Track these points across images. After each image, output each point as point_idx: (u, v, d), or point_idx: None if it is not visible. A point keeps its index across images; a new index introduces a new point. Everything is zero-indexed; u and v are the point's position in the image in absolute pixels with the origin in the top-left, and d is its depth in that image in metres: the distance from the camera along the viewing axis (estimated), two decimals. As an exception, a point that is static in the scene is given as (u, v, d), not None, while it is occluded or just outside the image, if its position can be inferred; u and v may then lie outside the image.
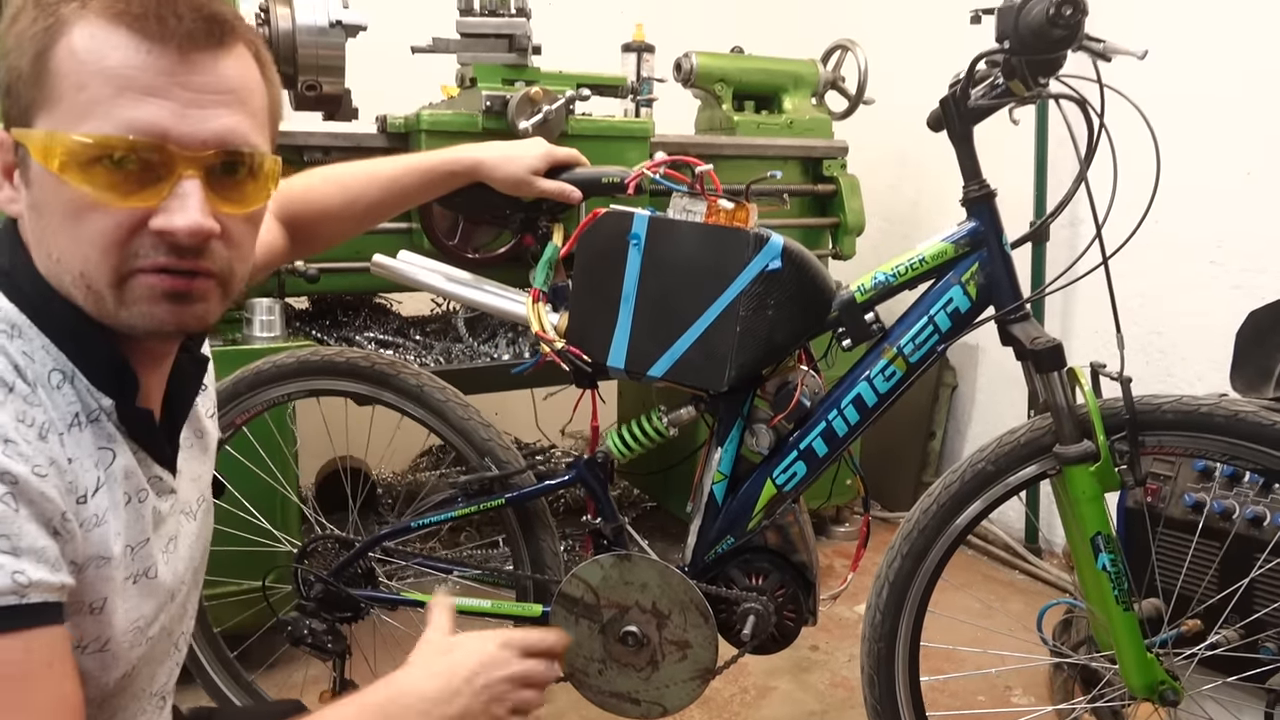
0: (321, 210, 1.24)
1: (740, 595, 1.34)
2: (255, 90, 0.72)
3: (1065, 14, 1.05)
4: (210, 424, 0.90)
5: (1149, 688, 1.21)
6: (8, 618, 0.58)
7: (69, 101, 0.65)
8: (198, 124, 0.67)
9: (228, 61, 0.69)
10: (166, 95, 0.66)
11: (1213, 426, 1.19)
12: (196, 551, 0.88)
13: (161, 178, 0.66)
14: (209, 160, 0.68)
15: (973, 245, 1.26)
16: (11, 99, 0.67)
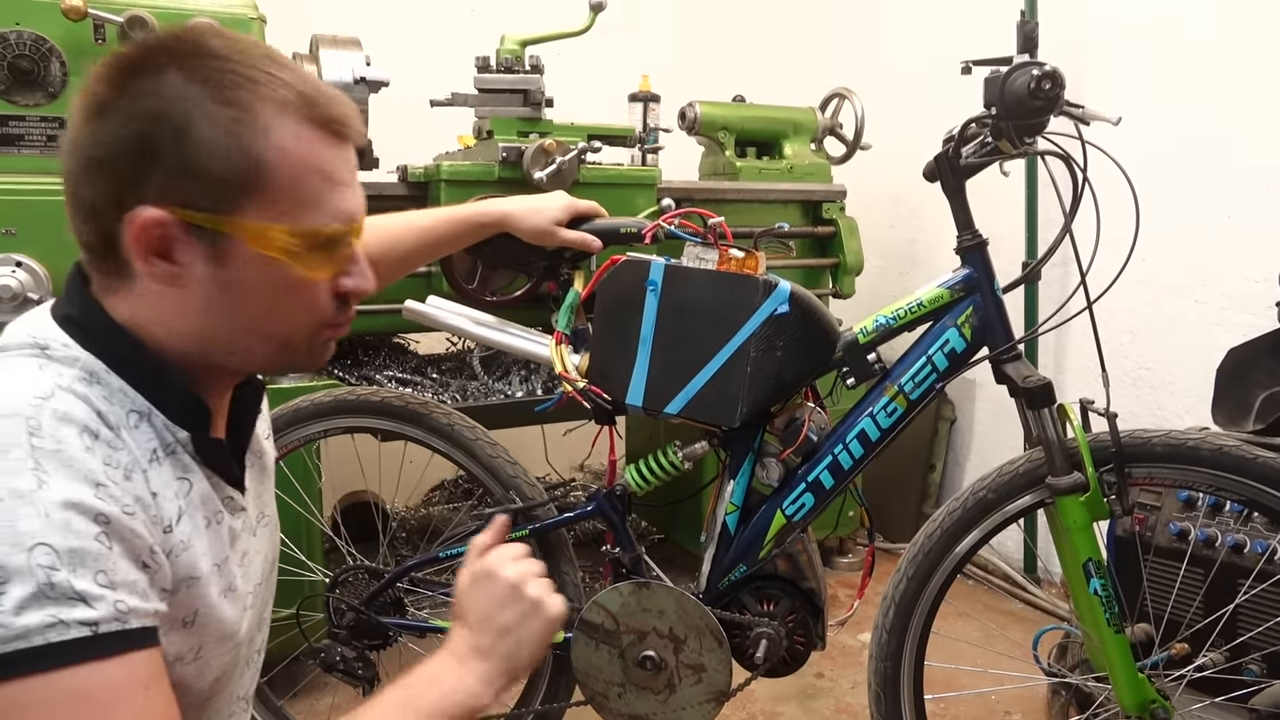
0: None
1: (753, 620, 1.42)
2: None
3: (1045, 88, 1.15)
4: (268, 445, 0.98)
5: (1140, 706, 1.28)
6: (113, 642, 0.64)
7: (287, 195, 0.73)
8: (362, 201, 0.80)
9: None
10: (352, 183, 0.78)
11: (1199, 459, 1.27)
12: (266, 564, 0.94)
13: (347, 249, 0.79)
14: (361, 228, 0.81)
15: (967, 290, 1.36)
16: (191, 185, 0.70)
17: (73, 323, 0.75)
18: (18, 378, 0.69)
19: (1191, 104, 2.17)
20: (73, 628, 0.61)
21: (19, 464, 0.64)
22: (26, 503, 0.62)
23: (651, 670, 1.41)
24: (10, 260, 1.50)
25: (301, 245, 0.74)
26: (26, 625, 0.60)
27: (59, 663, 0.61)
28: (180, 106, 0.69)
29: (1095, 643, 1.32)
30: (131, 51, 0.73)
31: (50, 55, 1.55)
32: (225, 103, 0.70)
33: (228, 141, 0.70)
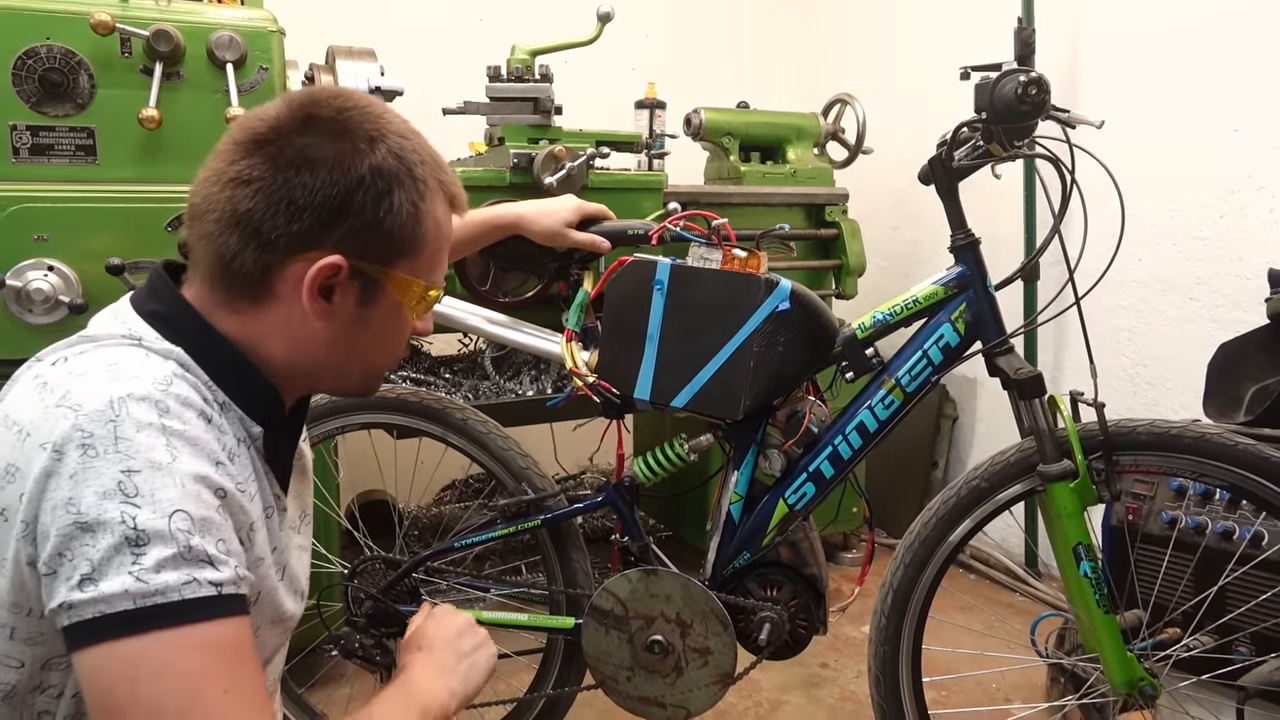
0: None
1: (757, 605, 1.47)
2: None
3: (1031, 93, 1.21)
4: (306, 448, 1.04)
5: (1129, 684, 1.33)
6: (233, 602, 0.72)
7: (425, 257, 0.87)
8: None
9: None
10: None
11: (1182, 447, 1.32)
12: (305, 558, 1.01)
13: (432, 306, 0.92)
14: None
15: (960, 287, 1.41)
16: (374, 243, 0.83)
17: (161, 319, 0.82)
18: (137, 364, 0.76)
19: (1185, 107, 2.23)
20: (204, 586, 0.69)
21: (154, 439, 0.71)
22: (164, 474, 0.70)
23: (659, 654, 1.46)
24: (43, 265, 1.57)
25: (425, 298, 0.89)
26: (165, 582, 0.68)
27: (193, 617, 0.69)
28: (385, 178, 0.82)
29: (1086, 624, 1.37)
30: (337, 117, 0.82)
31: (79, 68, 1.61)
32: (415, 179, 0.84)
33: (411, 211, 0.84)
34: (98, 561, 0.67)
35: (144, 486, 0.69)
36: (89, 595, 0.66)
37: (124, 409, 0.71)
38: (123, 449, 0.69)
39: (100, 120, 1.63)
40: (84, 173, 1.63)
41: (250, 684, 0.72)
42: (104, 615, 0.67)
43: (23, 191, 1.57)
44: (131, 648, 0.67)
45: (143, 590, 0.67)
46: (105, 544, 0.67)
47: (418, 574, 1.62)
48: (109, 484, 0.68)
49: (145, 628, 0.67)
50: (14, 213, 1.56)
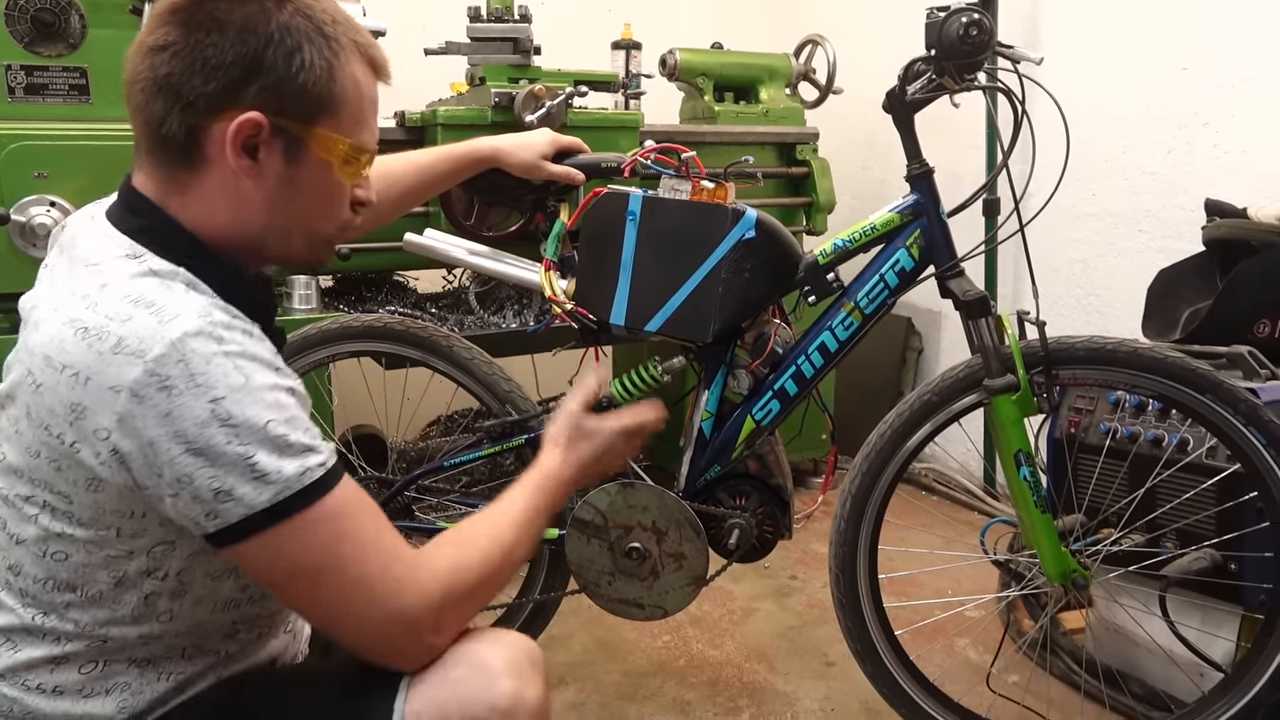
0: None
1: (726, 513, 1.59)
2: None
3: (973, 33, 1.30)
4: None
5: (1063, 576, 1.47)
6: (337, 472, 0.84)
7: (348, 115, 0.90)
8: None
9: None
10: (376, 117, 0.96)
11: (1116, 360, 1.44)
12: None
13: (368, 167, 0.96)
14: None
15: (915, 214, 1.50)
16: (292, 98, 0.86)
17: (149, 234, 0.87)
18: (171, 301, 0.81)
19: (1138, 46, 2.32)
20: (314, 470, 0.82)
21: (224, 365, 0.79)
22: (245, 392, 0.79)
23: (637, 560, 1.58)
24: (45, 200, 1.63)
25: (351, 157, 0.92)
26: (285, 477, 0.80)
27: (315, 496, 0.81)
28: (294, 35, 0.86)
29: (1026, 524, 1.50)
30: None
31: (70, 8, 1.66)
32: (325, 37, 0.88)
33: (325, 67, 0.88)
34: (223, 477, 0.78)
35: (233, 409, 0.78)
36: (228, 504, 0.78)
37: (186, 346, 0.78)
38: (201, 382, 0.78)
39: (92, 60, 1.69)
40: (78, 111, 1.69)
41: (373, 525, 0.86)
42: (245, 517, 0.79)
43: (21, 130, 1.64)
44: (275, 536, 0.80)
45: (273, 490, 0.79)
46: (223, 463, 0.78)
47: (409, 492, 1.73)
48: (203, 413, 0.77)
49: (281, 518, 0.80)
50: (14, 150, 1.62)
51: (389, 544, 0.87)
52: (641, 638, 2.06)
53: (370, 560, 0.84)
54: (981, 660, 1.92)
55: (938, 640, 1.94)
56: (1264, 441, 1.37)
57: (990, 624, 2.02)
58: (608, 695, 1.87)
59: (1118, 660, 1.78)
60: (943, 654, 1.92)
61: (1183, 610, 1.61)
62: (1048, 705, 1.68)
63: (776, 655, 2.00)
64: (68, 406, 0.79)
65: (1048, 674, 1.87)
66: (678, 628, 2.09)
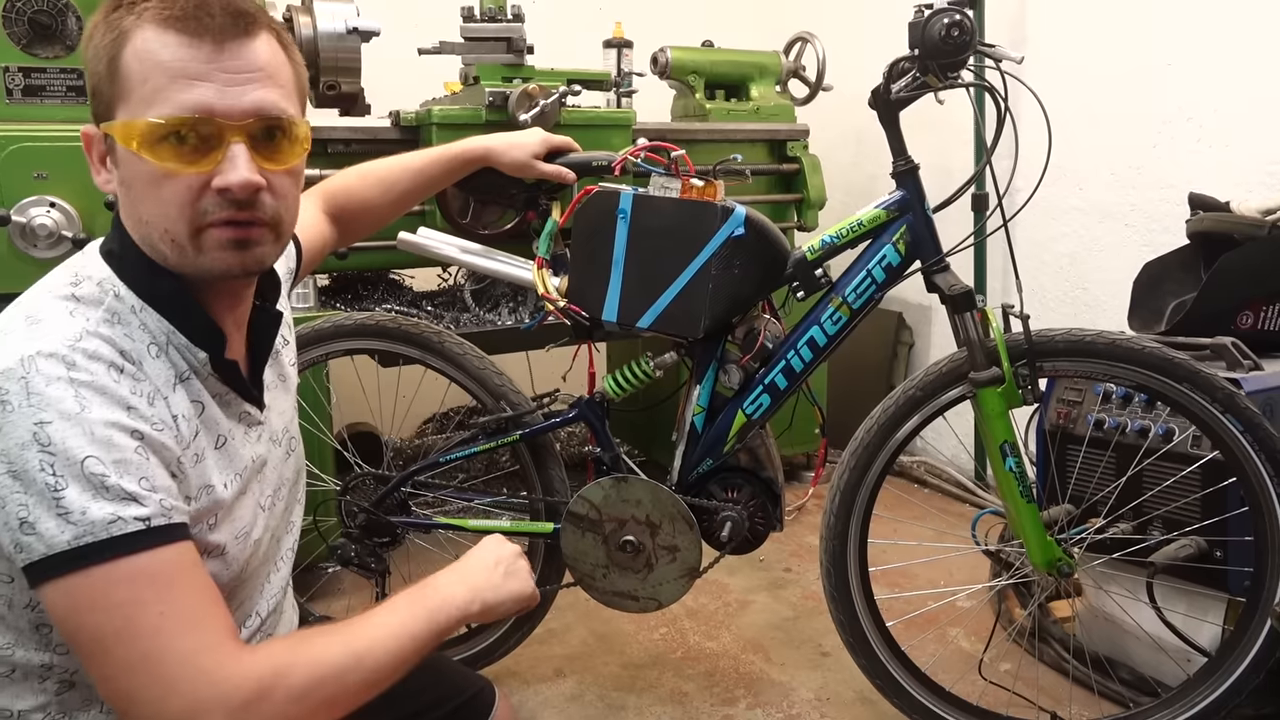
0: (362, 202, 1.45)
1: (719, 506, 1.61)
2: (281, 67, 0.87)
3: (954, 34, 1.32)
4: (291, 371, 1.11)
5: (1049, 564, 1.49)
6: (164, 533, 0.77)
7: (137, 94, 0.81)
8: (237, 99, 0.82)
9: (255, 46, 0.84)
10: (209, 79, 0.81)
11: (1096, 352, 1.47)
12: (287, 473, 1.05)
13: (215, 146, 0.82)
14: (250, 128, 0.83)
15: (901, 211, 1.53)
16: (96, 99, 0.84)
17: (113, 256, 0.87)
18: (52, 323, 0.79)
19: (1124, 43, 2.34)
20: (130, 522, 0.74)
21: (62, 392, 0.75)
22: (74, 423, 0.74)
23: (631, 553, 1.60)
24: (44, 201, 1.65)
25: (151, 138, 0.80)
26: (92, 521, 0.73)
27: (125, 550, 0.74)
28: (89, 38, 0.84)
29: (1013, 514, 1.53)
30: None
31: (67, 10, 1.68)
32: (106, 25, 0.83)
33: (104, 56, 0.82)
34: (30, 507, 0.73)
35: (56, 436, 0.73)
36: (31, 538, 0.73)
37: (33, 365, 0.75)
38: (34, 402, 0.74)
39: (89, 62, 1.70)
40: (76, 112, 1.71)
41: (188, 604, 0.76)
42: (46, 557, 0.73)
43: (20, 131, 1.66)
44: (74, 582, 0.73)
45: (74, 531, 0.73)
46: (33, 491, 0.73)
47: (406, 488, 1.75)
48: (25, 435, 0.73)
49: (82, 564, 0.73)
50: (13, 152, 1.64)
51: (207, 628, 0.77)
52: (639, 630, 2.09)
53: (174, 640, 0.74)
54: (973, 649, 1.94)
55: (930, 630, 1.97)
56: (1240, 428, 1.40)
57: (982, 613, 2.05)
58: (606, 687, 1.89)
59: (1107, 647, 1.81)
60: (935, 643, 1.95)
61: (1170, 597, 1.64)
62: (1038, 692, 1.70)
63: (772, 646, 2.03)
64: None
65: (1038, 661, 1.90)
66: (674, 620, 2.12)
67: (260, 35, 0.85)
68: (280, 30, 0.89)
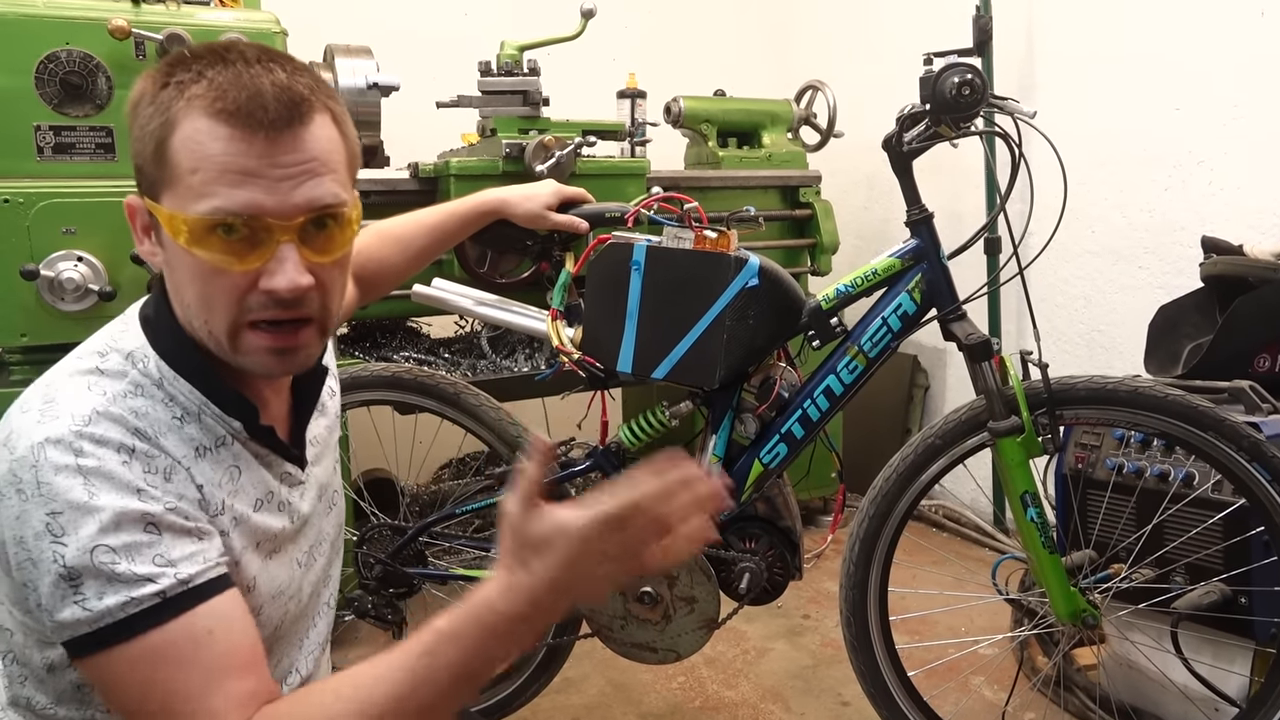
0: (380, 263, 1.45)
1: (736, 556, 1.60)
2: (336, 149, 0.83)
3: (965, 93, 1.34)
4: (335, 423, 1.08)
5: (1072, 615, 1.47)
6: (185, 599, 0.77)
7: (185, 183, 0.77)
8: (288, 195, 0.78)
9: (310, 134, 0.80)
10: (261, 175, 0.77)
11: (1118, 400, 1.46)
12: (328, 528, 1.04)
13: (263, 244, 0.79)
14: (301, 224, 0.80)
15: (916, 259, 1.54)
16: (141, 176, 0.82)
17: (149, 323, 0.87)
18: (65, 404, 0.79)
19: (1133, 87, 2.37)
20: (145, 601, 0.75)
21: (70, 481, 0.75)
22: (84, 512, 0.75)
23: (649, 604, 1.59)
24: (72, 256, 1.69)
25: (198, 232, 0.77)
26: (107, 607, 0.74)
27: (143, 628, 0.75)
28: (140, 108, 0.81)
29: (1035, 564, 1.51)
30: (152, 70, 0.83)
31: (97, 71, 1.73)
32: (155, 103, 0.79)
33: (151, 136, 0.79)
34: (47, 595, 0.75)
35: (68, 526, 0.74)
36: (55, 622, 0.75)
37: (42, 454, 0.75)
38: (44, 492, 0.75)
39: (118, 120, 1.75)
40: (104, 169, 1.75)
41: (208, 669, 0.76)
42: (72, 640, 0.76)
43: (50, 188, 1.69)
44: (99, 662, 0.76)
45: (89, 617, 0.74)
46: (48, 580, 0.74)
47: (423, 539, 1.75)
48: (39, 526, 0.74)
49: (103, 646, 0.75)
50: (43, 208, 1.68)
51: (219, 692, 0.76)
52: (656, 679, 2.07)
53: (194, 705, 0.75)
54: (996, 698, 1.91)
55: (952, 679, 1.94)
56: (1268, 477, 1.38)
57: (1004, 661, 2.02)
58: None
59: (1132, 696, 1.78)
60: (957, 693, 1.92)
61: (1195, 645, 1.61)
62: (1062, 744, 1.68)
63: (791, 695, 2.01)
64: None
65: (1063, 711, 1.87)
66: (692, 668, 2.10)
67: (314, 119, 0.80)
68: (334, 104, 0.85)
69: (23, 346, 1.76)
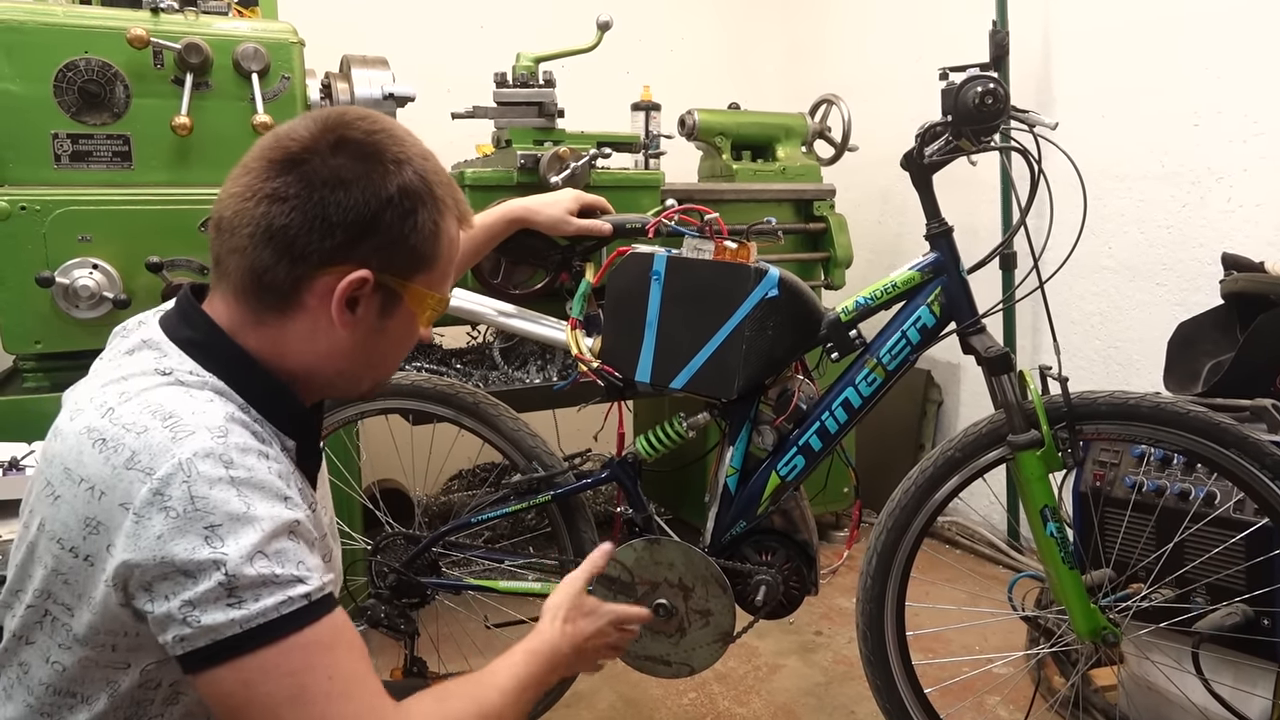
0: None
1: (753, 569, 1.59)
2: None
3: (988, 103, 1.33)
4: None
5: (1093, 633, 1.46)
6: (324, 604, 0.81)
7: (439, 271, 0.93)
8: None
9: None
10: None
11: (1139, 415, 1.45)
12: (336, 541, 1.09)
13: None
14: None
15: (935, 272, 1.53)
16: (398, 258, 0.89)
17: (196, 346, 0.88)
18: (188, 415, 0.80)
19: (1150, 103, 2.36)
20: (296, 601, 0.79)
21: (227, 494, 0.78)
22: (242, 523, 0.77)
23: (664, 616, 1.58)
24: (88, 263, 1.69)
25: (437, 308, 0.95)
26: (264, 607, 0.77)
27: (292, 627, 0.78)
28: (410, 198, 0.88)
29: (1054, 580, 1.49)
30: (367, 139, 0.87)
31: (115, 80, 1.73)
32: (435, 199, 0.90)
33: (432, 228, 0.90)
34: (199, 601, 0.76)
35: (227, 537, 0.77)
36: (199, 628, 0.76)
37: (193, 469, 0.77)
38: (200, 506, 0.77)
39: (135, 128, 1.75)
40: (121, 177, 1.75)
41: (352, 667, 0.81)
42: (216, 642, 0.77)
43: (66, 196, 1.69)
44: (245, 663, 0.77)
45: (245, 617, 0.77)
46: (204, 587, 0.76)
47: (437, 548, 1.74)
48: (197, 540, 0.76)
49: (253, 647, 0.77)
50: (59, 216, 1.68)
51: (368, 688, 0.82)
52: (667, 695, 2.05)
53: (343, 703, 0.80)
54: (1013, 718, 1.89)
55: (967, 698, 1.92)
56: (1292, 496, 1.37)
57: (1019, 681, 2.00)
58: (633, 754, 1.85)
59: (1151, 718, 1.75)
60: (973, 712, 1.90)
61: (1216, 667, 1.59)
62: (1081, 765, 1.65)
63: (804, 713, 1.98)
64: (82, 521, 0.79)
65: (1080, 732, 1.84)
66: (703, 684, 2.08)
67: None
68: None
69: (37, 354, 1.76)
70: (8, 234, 1.66)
